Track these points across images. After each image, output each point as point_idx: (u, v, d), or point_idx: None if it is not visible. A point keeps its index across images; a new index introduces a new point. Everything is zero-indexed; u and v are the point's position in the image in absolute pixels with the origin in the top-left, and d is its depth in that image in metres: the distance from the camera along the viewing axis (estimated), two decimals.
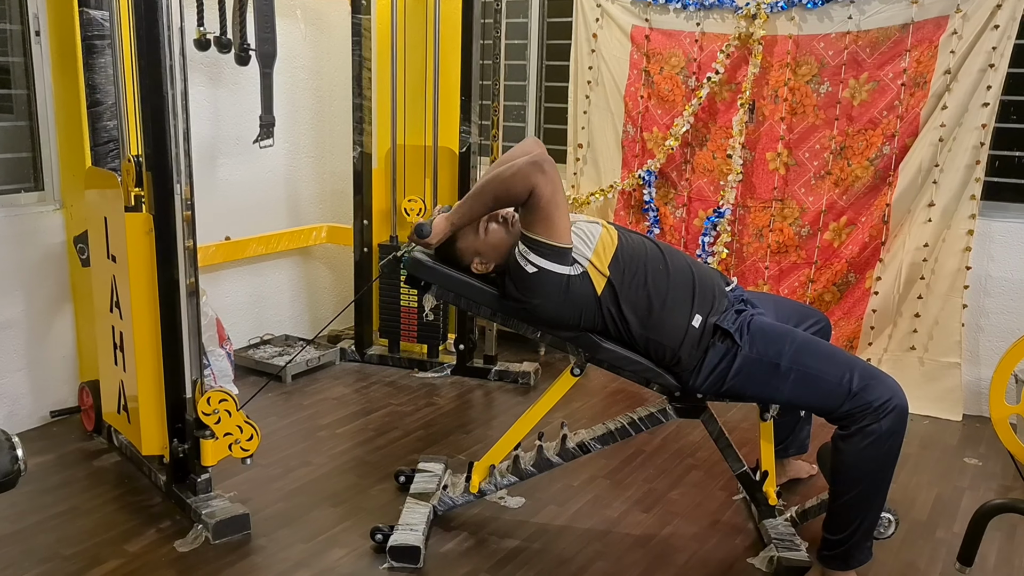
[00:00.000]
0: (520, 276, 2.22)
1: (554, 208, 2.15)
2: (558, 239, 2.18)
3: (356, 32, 3.74)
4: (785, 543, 2.41)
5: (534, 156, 2.15)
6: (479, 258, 2.34)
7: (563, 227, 2.19)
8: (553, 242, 2.18)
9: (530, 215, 2.18)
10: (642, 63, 3.99)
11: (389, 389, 3.70)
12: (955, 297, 3.50)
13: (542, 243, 2.18)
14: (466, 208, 2.27)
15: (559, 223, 2.17)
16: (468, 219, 2.28)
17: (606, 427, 2.48)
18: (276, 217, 4.09)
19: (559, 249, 2.18)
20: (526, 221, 2.20)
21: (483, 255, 2.33)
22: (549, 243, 2.17)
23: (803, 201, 3.76)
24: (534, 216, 2.17)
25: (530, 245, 2.19)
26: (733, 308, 2.29)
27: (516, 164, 2.15)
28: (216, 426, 2.45)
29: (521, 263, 2.20)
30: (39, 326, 3.14)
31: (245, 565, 2.34)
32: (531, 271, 2.19)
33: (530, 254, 2.19)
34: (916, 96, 3.47)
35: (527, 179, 2.12)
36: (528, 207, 2.17)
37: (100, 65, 2.79)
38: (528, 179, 2.12)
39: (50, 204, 3.16)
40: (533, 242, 2.19)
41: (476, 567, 2.36)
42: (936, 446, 3.28)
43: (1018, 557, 2.47)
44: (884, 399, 2.09)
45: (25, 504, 2.59)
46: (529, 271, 2.19)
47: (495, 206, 2.26)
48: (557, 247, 2.18)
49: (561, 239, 2.18)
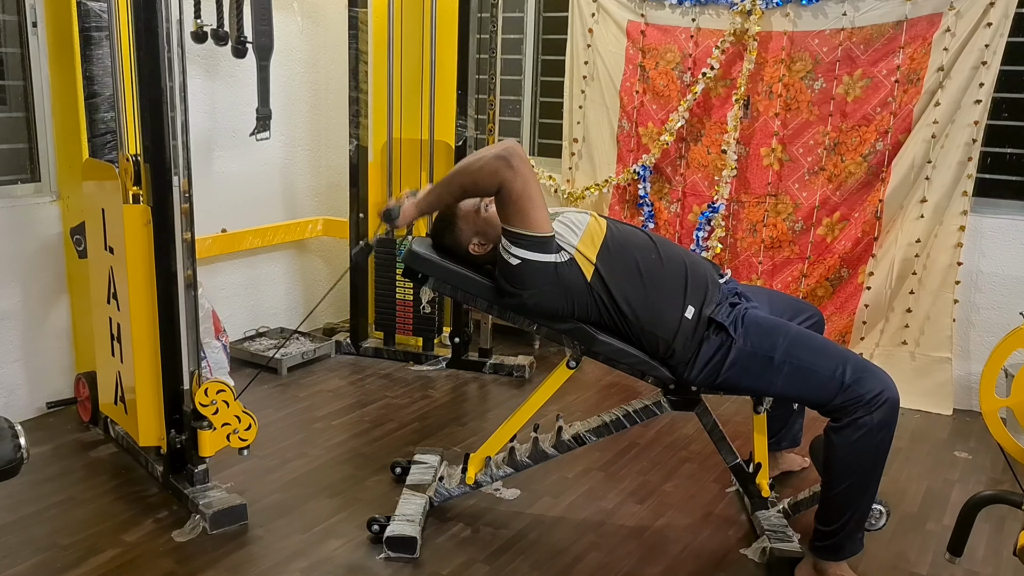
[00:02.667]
0: (506, 270, 2.23)
1: (526, 201, 2.15)
2: (536, 229, 2.18)
3: (353, 25, 3.75)
4: (778, 534, 2.43)
5: (501, 150, 2.14)
6: (478, 238, 2.35)
7: (539, 217, 2.19)
8: (531, 232, 2.18)
9: (504, 209, 2.19)
10: (637, 58, 4.01)
11: (385, 382, 3.71)
12: (946, 292, 3.53)
13: (521, 235, 2.19)
14: (434, 196, 2.29)
15: (534, 214, 2.17)
16: (435, 207, 2.31)
17: (601, 419, 2.50)
18: (272, 210, 4.10)
19: (540, 239, 2.19)
20: (502, 215, 2.21)
21: (482, 235, 2.35)
22: (528, 234, 2.18)
23: (797, 196, 3.78)
24: (508, 210, 2.18)
25: (510, 238, 2.20)
26: (727, 301, 2.31)
27: (484, 158, 2.16)
28: (214, 417, 2.46)
29: (505, 257, 2.22)
30: (35, 317, 3.14)
31: (242, 555, 2.36)
32: (515, 263, 2.21)
33: (511, 247, 2.20)
34: (909, 93, 3.50)
35: (494, 175, 2.13)
36: (500, 201, 2.18)
37: (97, 57, 2.79)
38: (496, 175, 2.13)
39: (46, 195, 3.16)
40: (512, 235, 2.20)
41: (472, 557, 2.38)
42: (927, 440, 3.32)
43: (1006, 548, 2.51)
44: (876, 392, 2.11)
45: (22, 494, 2.60)
46: (513, 264, 2.21)
47: (463, 196, 2.27)
48: (537, 237, 2.19)
49: (539, 228, 2.19)
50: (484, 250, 2.36)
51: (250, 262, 4.03)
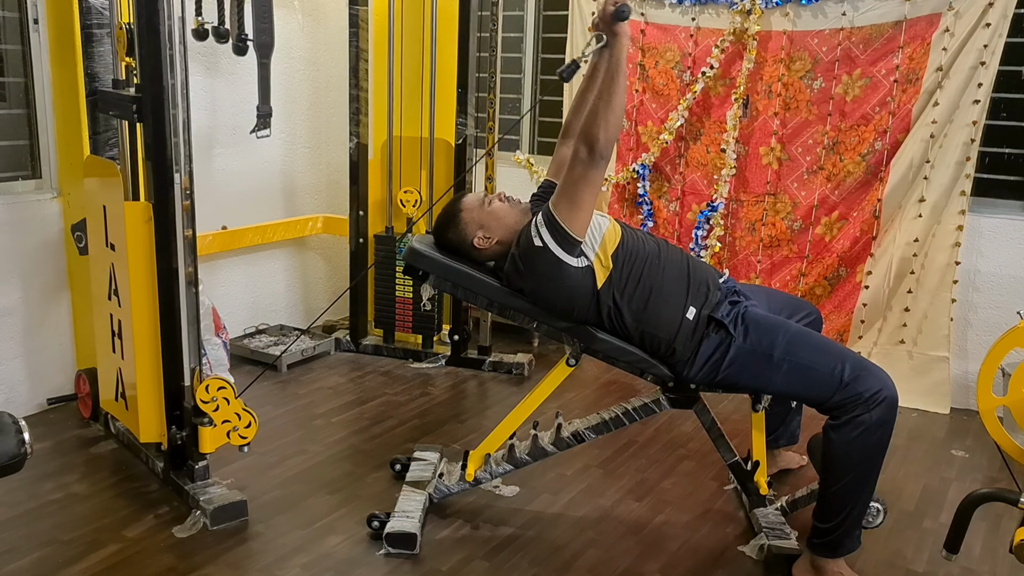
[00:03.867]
0: (527, 245, 2.23)
1: (584, 186, 2.14)
2: (575, 229, 2.19)
3: (353, 23, 3.75)
4: (775, 531, 2.45)
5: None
6: (482, 231, 2.36)
7: (584, 219, 2.20)
8: (568, 229, 2.19)
9: (567, 181, 2.17)
10: (637, 57, 4.01)
11: (384, 379, 3.72)
12: (944, 292, 3.54)
13: (559, 225, 2.18)
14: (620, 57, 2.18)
15: (583, 211, 2.18)
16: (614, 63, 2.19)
17: (600, 417, 2.51)
18: (272, 207, 4.10)
19: (570, 239, 2.20)
20: (559, 193, 2.20)
21: (486, 228, 2.35)
22: (565, 228, 2.19)
23: (795, 196, 3.80)
24: (567, 181, 2.17)
25: (548, 221, 2.20)
26: (727, 300, 2.32)
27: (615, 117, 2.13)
28: (215, 413, 2.47)
29: (533, 233, 2.22)
30: (36, 314, 3.15)
31: (243, 551, 2.37)
32: (538, 244, 2.21)
33: (544, 228, 2.20)
34: (908, 92, 3.51)
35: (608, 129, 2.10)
36: (575, 160, 2.14)
37: (99, 54, 2.79)
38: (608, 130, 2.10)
39: (47, 192, 3.17)
40: (552, 220, 2.19)
41: (471, 553, 2.40)
42: (924, 438, 3.33)
43: (1002, 546, 2.52)
44: (875, 390, 2.12)
45: (23, 490, 2.61)
46: (536, 244, 2.21)
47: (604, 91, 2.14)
48: (570, 236, 2.19)
49: (576, 230, 2.19)
50: (488, 244, 2.36)
51: (250, 259, 4.04)
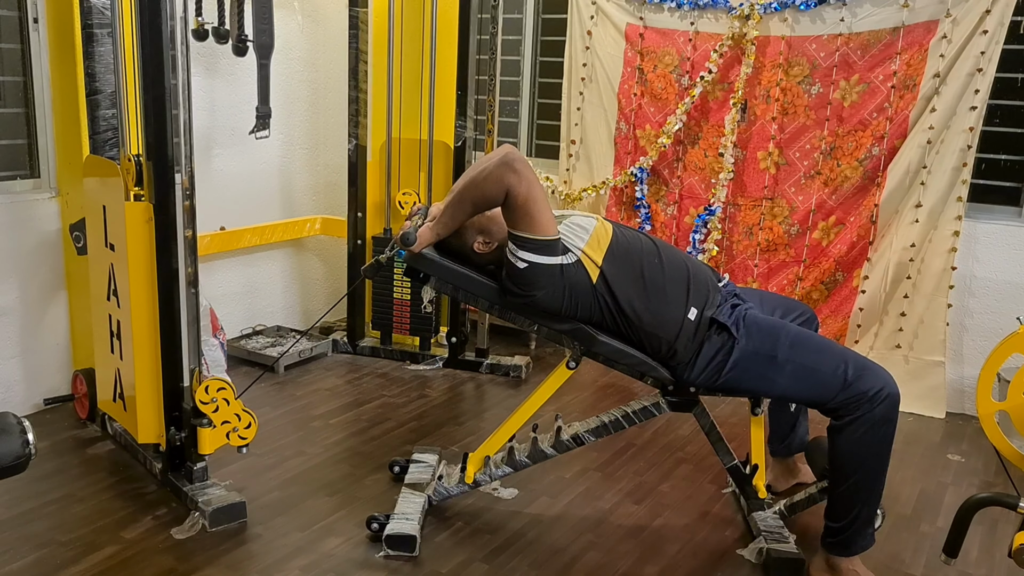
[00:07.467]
0: (514, 273, 2.25)
1: (532, 204, 2.16)
2: (542, 232, 2.19)
3: (353, 25, 3.75)
4: (774, 535, 2.45)
5: (503, 157, 2.15)
6: (482, 236, 2.36)
7: (544, 220, 2.20)
8: (537, 236, 2.19)
9: (510, 214, 2.20)
10: (636, 61, 4.03)
11: (381, 381, 3.72)
12: (940, 297, 3.56)
13: (527, 239, 2.20)
14: (448, 217, 2.28)
15: (539, 217, 2.19)
16: (452, 228, 2.30)
17: (600, 419, 2.51)
18: (270, 208, 4.10)
19: (545, 242, 2.20)
20: (508, 220, 2.22)
21: (486, 232, 2.35)
22: (534, 238, 2.19)
23: (793, 200, 3.81)
24: (514, 215, 2.19)
25: (516, 242, 2.21)
26: (728, 303, 2.33)
27: (487, 168, 2.17)
28: (214, 414, 2.47)
29: (512, 260, 2.23)
30: (33, 313, 3.14)
31: (242, 552, 2.36)
32: (522, 267, 2.22)
33: (518, 251, 2.21)
34: (905, 99, 3.53)
35: (500, 181, 2.14)
36: (506, 207, 2.19)
37: (99, 54, 2.79)
38: (501, 181, 2.14)
39: (46, 192, 3.16)
40: (518, 239, 2.21)
41: (471, 556, 2.40)
42: (920, 443, 3.34)
43: (1000, 550, 2.53)
44: (877, 388, 2.15)
45: (20, 491, 2.60)
46: (520, 267, 2.22)
47: (475, 211, 2.27)
48: (543, 240, 2.20)
49: (545, 232, 2.20)
50: (488, 248, 2.36)
51: (248, 260, 4.03)
